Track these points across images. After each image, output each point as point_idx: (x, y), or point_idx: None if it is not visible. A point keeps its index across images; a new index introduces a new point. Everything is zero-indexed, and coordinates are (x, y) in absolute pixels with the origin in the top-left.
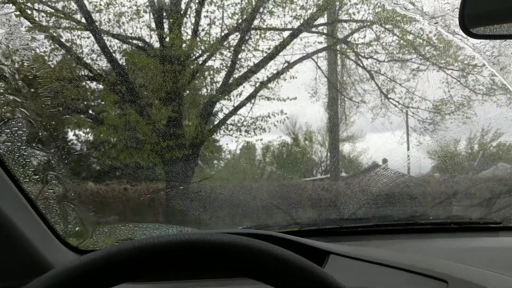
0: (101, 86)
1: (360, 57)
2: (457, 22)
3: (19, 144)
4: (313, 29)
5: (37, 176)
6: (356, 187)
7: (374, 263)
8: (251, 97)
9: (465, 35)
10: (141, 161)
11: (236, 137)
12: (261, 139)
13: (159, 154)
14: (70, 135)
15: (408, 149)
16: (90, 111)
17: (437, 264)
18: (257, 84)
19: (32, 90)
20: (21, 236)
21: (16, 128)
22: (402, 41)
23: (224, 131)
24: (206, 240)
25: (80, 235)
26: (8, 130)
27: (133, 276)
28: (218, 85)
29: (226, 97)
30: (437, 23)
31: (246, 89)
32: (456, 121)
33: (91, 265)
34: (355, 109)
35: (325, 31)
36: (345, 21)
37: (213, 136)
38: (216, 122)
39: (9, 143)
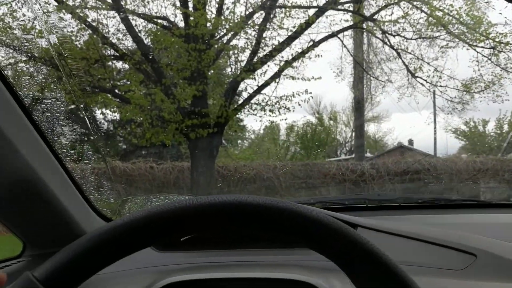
0: (126, 66)
1: (387, 34)
2: None
3: (58, 114)
4: (339, 7)
5: (74, 149)
6: (381, 167)
7: (402, 236)
8: (276, 76)
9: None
10: (167, 140)
11: (260, 116)
12: (285, 119)
13: (183, 133)
14: (97, 113)
15: (435, 129)
16: (116, 90)
17: (465, 237)
18: (282, 63)
19: (66, 68)
20: (59, 205)
21: (55, 99)
22: (430, 18)
23: (248, 111)
24: (242, 201)
25: (113, 207)
26: (48, 101)
27: (169, 234)
28: (243, 64)
29: (251, 76)
30: None
31: (271, 68)
32: (486, 99)
33: (131, 225)
34: (381, 89)
35: (351, 8)
36: None
37: (237, 116)
38: (240, 101)
39: (48, 114)
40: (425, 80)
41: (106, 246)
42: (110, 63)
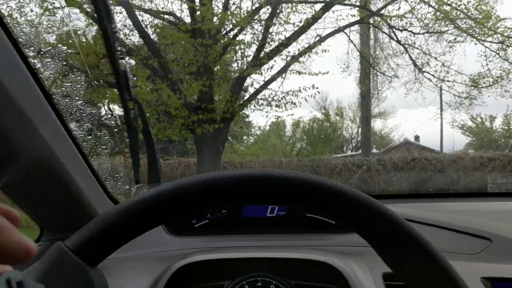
0: (132, 62)
1: (394, 29)
2: None
3: (77, 98)
4: (346, 2)
5: (91, 135)
6: (387, 163)
7: (414, 222)
8: (282, 71)
9: None
10: (173, 135)
11: (266, 112)
12: (291, 114)
13: (190, 128)
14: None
15: (442, 125)
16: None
17: (479, 223)
18: (288, 58)
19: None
20: (77, 189)
21: (75, 82)
22: (438, 13)
23: (254, 106)
24: (269, 174)
25: (128, 193)
26: (68, 84)
27: (196, 209)
28: (249, 59)
29: (257, 71)
30: None
31: (277, 63)
32: (494, 94)
33: (160, 197)
34: (388, 84)
35: (358, 3)
36: None
37: (243, 111)
38: (246, 97)
39: (67, 99)
40: (432, 75)
41: (135, 218)
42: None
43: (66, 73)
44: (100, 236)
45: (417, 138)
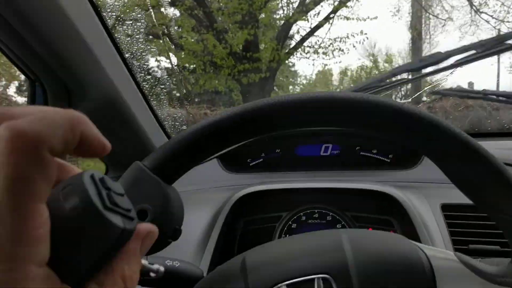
0: (177, 12)
1: None
2: None
3: (137, 36)
4: None
5: (149, 76)
6: (439, 111)
7: None
8: (329, 17)
9: None
10: (219, 86)
11: (313, 59)
12: (339, 62)
13: (236, 78)
14: (152, 61)
15: (499, 70)
16: (169, 37)
17: None
18: (336, 3)
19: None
20: (140, 128)
21: (135, 20)
22: None
23: (300, 54)
24: (335, 96)
25: None
26: (130, 22)
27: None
28: (295, 6)
29: (303, 17)
30: None
31: (324, 8)
32: None
33: (234, 118)
34: (441, 28)
35: None
36: None
37: (289, 59)
38: (292, 45)
39: (128, 38)
40: (491, 16)
41: (207, 139)
42: (162, 9)
43: (127, 11)
44: (176, 155)
45: (471, 84)
